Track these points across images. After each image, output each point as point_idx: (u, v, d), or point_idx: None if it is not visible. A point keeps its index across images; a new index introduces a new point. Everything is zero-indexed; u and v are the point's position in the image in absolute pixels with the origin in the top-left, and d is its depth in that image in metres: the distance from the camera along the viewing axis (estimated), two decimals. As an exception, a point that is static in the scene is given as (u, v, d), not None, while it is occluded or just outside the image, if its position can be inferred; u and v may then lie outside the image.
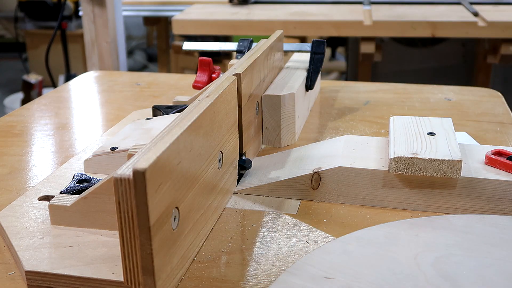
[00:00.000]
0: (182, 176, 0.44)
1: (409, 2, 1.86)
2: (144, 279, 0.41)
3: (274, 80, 0.77)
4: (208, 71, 0.80)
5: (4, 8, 4.30)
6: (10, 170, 0.68)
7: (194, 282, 0.46)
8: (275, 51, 0.77)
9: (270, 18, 1.66)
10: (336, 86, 1.01)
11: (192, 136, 0.46)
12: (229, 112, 0.56)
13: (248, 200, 0.59)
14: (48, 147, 0.76)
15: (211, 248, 0.50)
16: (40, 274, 0.45)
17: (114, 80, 1.08)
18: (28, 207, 0.56)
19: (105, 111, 0.92)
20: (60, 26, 1.98)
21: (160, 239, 0.41)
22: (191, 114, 0.47)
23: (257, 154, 0.70)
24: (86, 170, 0.64)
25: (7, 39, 4.45)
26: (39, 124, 0.85)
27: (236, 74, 0.59)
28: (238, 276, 0.46)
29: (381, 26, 1.58)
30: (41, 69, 3.14)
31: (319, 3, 1.91)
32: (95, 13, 1.50)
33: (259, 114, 0.70)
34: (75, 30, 3.41)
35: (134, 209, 0.39)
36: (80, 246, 0.49)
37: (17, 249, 0.48)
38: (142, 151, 0.41)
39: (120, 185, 0.39)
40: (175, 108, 0.72)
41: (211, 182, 0.52)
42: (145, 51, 3.90)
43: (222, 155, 0.55)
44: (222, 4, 1.95)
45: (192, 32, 1.73)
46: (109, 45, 1.51)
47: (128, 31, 3.71)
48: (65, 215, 0.52)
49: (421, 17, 1.60)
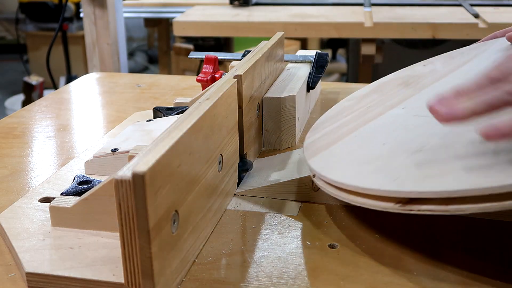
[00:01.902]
0: (182, 179, 0.44)
1: (409, 3, 1.86)
2: (143, 283, 0.41)
3: (275, 82, 0.77)
4: (214, 65, 0.81)
5: (5, 9, 4.30)
6: (10, 171, 0.68)
7: (195, 284, 0.46)
8: (276, 53, 0.77)
9: (271, 20, 1.66)
10: (337, 87, 1.01)
11: (192, 139, 0.46)
12: (229, 114, 0.57)
13: (248, 202, 0.59)
14: (49, 149, 0.76)
15: (211, 250, 0.50)
16: (41, 275, 0.45)
17: (115, 81, 1.09)
18: (29, 208, 0.56)
19: (106, 113, 0.92)
20: (61, 27, 1.98)
21: (159, 243, 0.41)
22: (191, 117, 0.47)
23: (258, 156, 0.70)
24: (87, 171, 0.64)
25: (8, 41, 4.45)
26: (40, 125, 0.85)
27: (237, 76, 0.59)
28: (239, 278, 0.46)
29: (381, 27, 1.58)
30: (42, 70, 3.14)
31: (320, 4, 1.92)
32: (96, 14, 1.50)
33: (259, 116, 0.70)
34: (76, 31, 3.42)
35: (134, 211, 0.39)
36: (81, 247, 0.49)
37: (18, 251, 0.48)
38: (143, 153, 0.41)
39: (121, 187, 0.39)
40: (176, 109, 0.72)
41: (211, 184, 0.52)
42: (146, 52, 3.90)
43: (222, 158, 0.55)
44: (223, 5, 1.95)
45: (193, 34, 1.74)
46: (110, 47, 1.51)
47: (129, 32, 3.71)
48: (65, 216, 0.52)
49: (422, 19, 1.60)
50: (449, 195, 0.42)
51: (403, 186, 0.45)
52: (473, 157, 0.46)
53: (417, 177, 0.46)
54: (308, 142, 0.63)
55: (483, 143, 0.45)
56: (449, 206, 0.42)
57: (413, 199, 0.44)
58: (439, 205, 0.43)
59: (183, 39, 2.78)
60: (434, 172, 0.46)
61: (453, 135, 0.50)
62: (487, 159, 0.44)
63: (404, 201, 0.45)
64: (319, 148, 0.59)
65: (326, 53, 0.85)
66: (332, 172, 0.52)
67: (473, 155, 0.46)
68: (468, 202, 0.41)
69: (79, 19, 3.31)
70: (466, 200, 0.42)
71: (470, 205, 0.41)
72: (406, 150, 0.51)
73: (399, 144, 0.53)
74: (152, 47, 3.92)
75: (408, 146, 0.52)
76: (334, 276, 0.46)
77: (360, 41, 1.67)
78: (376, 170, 0.50)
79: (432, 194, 0.43)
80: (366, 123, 0.61)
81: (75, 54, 3.09)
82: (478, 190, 0.41)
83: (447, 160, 0.47)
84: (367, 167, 0.51)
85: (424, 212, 0.43)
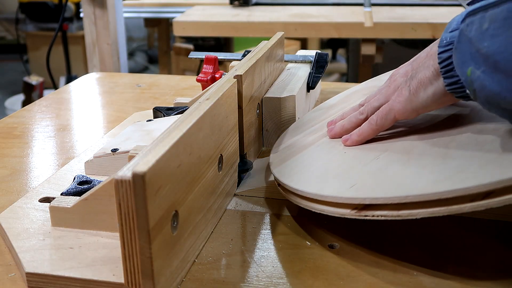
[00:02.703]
0: (182, 179, 0.44)
1: (409, 3, 1.86)
2: (143, 283, 0.41)
3: (275, 82, 0.77)
4: (214, 65, 0.81)
5: (5, 9, 4.30)
6: (10, 171, 0.68)
7: (195, 284, 0.46)
8: (276, 53, 0.77)
9: (271, 19, 1.66)
10: (337, 87, 1.01)
11: (192, 139, 0.46)
12: (229, 114, 0.57)
13: (249, 202, 0.59)
14: (49, 149, 0.76)
15: (211, 250, 0.50)
16: (41, 275, 0.45)
17: (115, 81, 1.09)
18: (29, 208, 0.56)
19: (106, 113, 0.92)
20: (61, 27, 1.98)
21: (159, 243, 0.41)
22: (191, 117, 0.47)
23: (258, 156, 0.70)
24: (87, 171, 0.64)
25: (8, 41, 4.45)
26: (40, 125, 0.85)
27: (237, 76, 0.59)
28: (239, 278, 0.46)
29: (381, 27, 1.58)
30: (42, 70, 3.14)
31: (320, 4, 1.92)
32: (96, 14, 1.50)
33: (259, 116, 0.70)
34: (76, 31, 3.41)
35: (134, 211, 0.39)
36: (80, 247, 0.49)
37: (18, 251, 0.48)
38: (143, 153, 0.41)
39: (121, 187, 0.39)
40: (176, 110, 0.72)
41: (211, 184, 0.52)
42: (146, 52, 3.90)
43: (222, 158, 0.55)
44: (223, 5, 1.95)
45: (193, 33, 1.73)
46: (110, 47, 1.51)
47: (129, 32, 3.71)
48: (65, 216, 0.52)
49: (422, 19, 1.60)
50: (400, 200, 0.44)
51: (359, 193, 0.47)
52: (424, 165, 0.47)
53: (372, 184, 0.48)
54: (275, 151, 0.65)
55: (435, 152, 0.49)
56: (401, 211, 0.44)
57: (368, 205, 0.46)
58: (391, 211, 0.45)
59: (183, 39, 2.78)
60: (387, 179, 0.47)
61: (408, 145, 0.53)
62: (436, 167, 0.46)
63: (360, 207, 0.47)
64: (284, 158, 0.61)
65: (326, 53, 0.85)
66: (294, 181, 0.54)
67: (425, 163, 0.48)
68: (418, 207, 0.43)
69: (79, 19, 3.31)
70: (417, 205, 0.43)
71: (421, 210, 0.43)
72: (364, 158, 0.53)
73: (358, 153, 0.55)
74: (152, 47, 3.92)
75: (367, 154, 0.54)
76: (334, 276, 0.46)
77: (360, 41, 1.67)
78: (335, 178, 0.52)
79: (384, 200, 0.45)
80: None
81: (75, 54, 3.09)
82: (427, 195, 0.43)
83: (400, 168, 0.49)
84: (327, 175, 0.53)
85: (378, 218, 0.45)
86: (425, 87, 0.51)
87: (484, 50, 0.43)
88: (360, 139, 0.57)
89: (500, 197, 0.40)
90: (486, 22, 0.43)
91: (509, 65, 0.41)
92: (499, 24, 0.42)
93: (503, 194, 0.40)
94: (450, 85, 0.48)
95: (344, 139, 0.58)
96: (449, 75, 0.48)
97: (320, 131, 0.64)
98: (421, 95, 0.51)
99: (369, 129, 0.56)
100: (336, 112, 0.69)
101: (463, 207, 0.41)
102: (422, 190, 0.43)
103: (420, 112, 0.53)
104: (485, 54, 0.43)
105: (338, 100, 0.75)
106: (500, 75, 0.42)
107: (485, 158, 0.44)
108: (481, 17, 0.44)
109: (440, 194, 0.42)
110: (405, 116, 0.54)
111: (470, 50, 0.45)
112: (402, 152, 0.52)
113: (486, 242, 0.51)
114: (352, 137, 0.57)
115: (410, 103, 0.53)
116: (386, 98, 0.56)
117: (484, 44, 0.43)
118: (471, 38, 0.45)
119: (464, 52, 0.46)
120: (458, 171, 0.44)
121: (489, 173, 0.41)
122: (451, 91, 0.49)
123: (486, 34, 0.43)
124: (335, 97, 0.77)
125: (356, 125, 0.58)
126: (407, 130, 0.57)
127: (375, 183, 0.48)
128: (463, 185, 0.41)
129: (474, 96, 0.46)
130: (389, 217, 0.45)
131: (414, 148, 0.52)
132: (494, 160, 0.43)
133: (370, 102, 0.58)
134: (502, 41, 0.42)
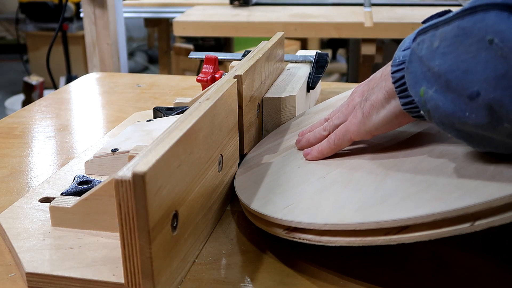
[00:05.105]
0: (182, 179, 0.44)
1: (409, 4, 1.86)
2: (143, 283, 0.41)
3: (275, 82, 0.77)
4: (214, 65, 0.81)
5: (5, 9, 4.30)
6: (10, 171, 0.68)
7: (195, 284, 0.46)
8: (276, 53, 0.77)
9: (271, 19, 1.66)
10: (337, 87, 1.01)
11: (192, 139, 0.46)
12: (229, 114, 0.57)
13: (248, 202, 0.59)
14: (49, 149, 0.76)
15: (212, 250, 0.50)
16: (41, 276, 0.45)
17: (115, 81, 1.09)
18: (29, 208, 0.56)
19: (106, 113, 0.92)
20: (61, 27, 1.98)
21: (159, 243, 0.41)
22: (191, 117, 0.47)
23: (257, 156, 0.70)
24: (87, 171, 0.64)
25: (8, 41, 4.45)
26: (40, 125, 0.85)
27: (237, 76, 0.59)
28: (239, 278, 0.46)
29: (381, 27, 1.58)
30: (42, 70, 3.15)
31: (320, 4, 1.92)
32: (96, 14, 1.50)
33: (259, 116, 0.70)
34: (76, 31, 3.42)
35: (134, 211, 0.39)
36: (81, 247, 0.49)
37: (18, 251, 0.48)
38: (143, 153, 0.41)
39: (121, 187, 0.39)
40: (176, 110, 0.72)
41: (211, 185, 0.52)
42: (146, 52, 3.91)
43: (222, 158, 0.55)
44: (223, 5, 1.95)
45: (193, 33, 1.73)
46: (110, 47, 1.51)
47: (129, 32, 3.72)
48: (66, 216, 0.52)
49: (422, 19, 1.59)
50: (320, 227, 0.44)
51: (288, 215, 0.47)
52: (358, 189, 0.47)
53: (304, 207, 0.48)
54: (247, 158, 0.64)
55: (376, 175, 0.48)
56: (322, 237, 0.45)
57: (295, 228, 0.46)
58: (315, 235, 0.45)
59: (183, 39, 2.78)
60: (320, 202, 0.48)
61: (357, 164, 0.52)
62: (367, 194, 0.46)
63: (291, 228, 0.47)
64: (251, 166, 0.61)
65: (326, 53, 0.85)
66: (246, 193, 0.54)
67: (360, 187, 0.48)
68: (337, 235, 0.44)
69: (79, 19, 3.31)
70: (336, 233, 0.44)
71: (339, 238, 0.44)
72: (313, 176, 0.53)
73: (312, 168, 0.55)
74: (152, 47, 3.92)
75: (318, 171, 0.54)
76: (334, 276, 0.46)
77: (360, 41, 1.67)
78: (279, 195, 0.52)
79: (307, 225, 0.45)
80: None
81: (75, 54, 3.09)
82: (343, 225, 0.43)
83: (338, 190, 0.49)
84: (274, 191, 0.53)
85: (303, 241, 0.46)
86: (377, 110, 0.50)
87: (436, 69, 0.42)
88: (319, 155, 0.56)
89: (414, 233, 0.40)
90: (436, 40, 0.42)
91: (461, 84, 0.40)
92: (450, 41, 0.41)
93: (418, 230, 0.39)
94: (405, 105, 0.47)
95: (306, 153, 0.58)
96: (404, 95, 0.47)
97: (293, 140, 0.63)
98: (374, 118, 0.51)
99: (328, 148, 0.56)
100: (320, 118, 0.69)
101: (376, 240, 0.41)
102: (340, 220, 0.43)
103: (374, 134, 0.52)
104: (436, 73, 0.42)
105: (326, 105, 0.74)
106: (453, 95, 0.41)
107: (409, 191, 0.43)
108: (432, 35, 0.43)
109: (354, 226, 0.42)
110: (360, 137, 0.54)
111: (422, 69, 0.44)
112: (348, 172, 0.51)
113: (487, 242, 0.51)
114: (313, 152, 0.57)
115: (364, 126, 0.52)
116: (345, 117, 0.56)
117: (435, 62, 0.42)
118: (422, 57, 0.43)
119: (415, 72, 0.44)
120: (381, 201, 0.43)
121: (405, 208, 0.41)
122: (407, 110, 0.47)
123: (437, 52, 0.42)
124: (325, 102, 0.76)
125: (319, 140, 0.58)
126: (367, 147, 0.56)
127: (306, 206, 0.48)
128: (377, 218, 0.41)
129: (429, 117, 0.44)
130: (312, 242, 0.45)
131: (362, 167, 0.51)
132: (416, 193, 0.42)
133: (332, 119, 0.58)
134: (453, 59, 0.41)
